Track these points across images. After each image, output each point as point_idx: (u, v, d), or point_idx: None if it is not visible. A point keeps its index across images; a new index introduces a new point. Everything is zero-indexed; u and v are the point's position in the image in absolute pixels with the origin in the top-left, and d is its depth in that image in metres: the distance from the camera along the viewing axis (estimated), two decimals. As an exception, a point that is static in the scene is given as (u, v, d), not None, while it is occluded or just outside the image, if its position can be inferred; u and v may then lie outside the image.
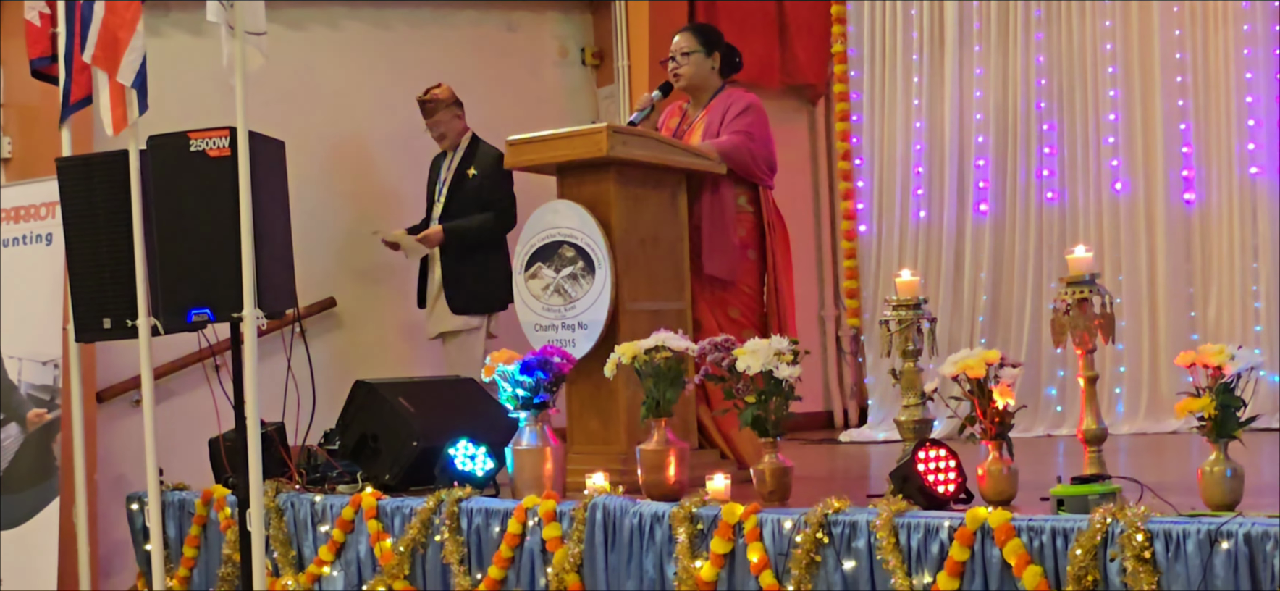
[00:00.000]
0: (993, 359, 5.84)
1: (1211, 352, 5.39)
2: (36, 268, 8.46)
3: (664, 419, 6.69)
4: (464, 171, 9.90)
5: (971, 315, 10.82)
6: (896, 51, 11.28)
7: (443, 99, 9.96)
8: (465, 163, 9.92)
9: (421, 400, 7.92)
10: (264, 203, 7.08)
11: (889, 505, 5.71)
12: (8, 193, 8.70)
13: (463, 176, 9.89)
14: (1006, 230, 10.76)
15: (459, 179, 9.90)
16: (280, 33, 9.54)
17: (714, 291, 7.84)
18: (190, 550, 8.29)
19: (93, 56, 7.56)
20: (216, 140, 7.03)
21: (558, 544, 6.67)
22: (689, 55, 8.09)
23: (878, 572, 5.68)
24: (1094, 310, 5.96)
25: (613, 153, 7.40)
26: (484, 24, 11.14)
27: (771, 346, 6.39)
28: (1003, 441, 5.84)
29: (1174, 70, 10.07)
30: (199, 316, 7.06)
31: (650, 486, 6.65)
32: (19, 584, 8.25)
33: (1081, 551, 5.14)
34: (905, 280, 6.60)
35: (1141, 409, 9.99)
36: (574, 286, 7.51)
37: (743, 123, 7.90)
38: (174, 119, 7.46)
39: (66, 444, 8.41)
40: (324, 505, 7.68)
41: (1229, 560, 4.86)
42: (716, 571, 6.13)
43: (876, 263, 11.36)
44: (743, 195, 7.91)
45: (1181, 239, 10.06)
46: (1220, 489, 5.35)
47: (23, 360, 8.48)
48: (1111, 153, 10.29)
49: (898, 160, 11.23)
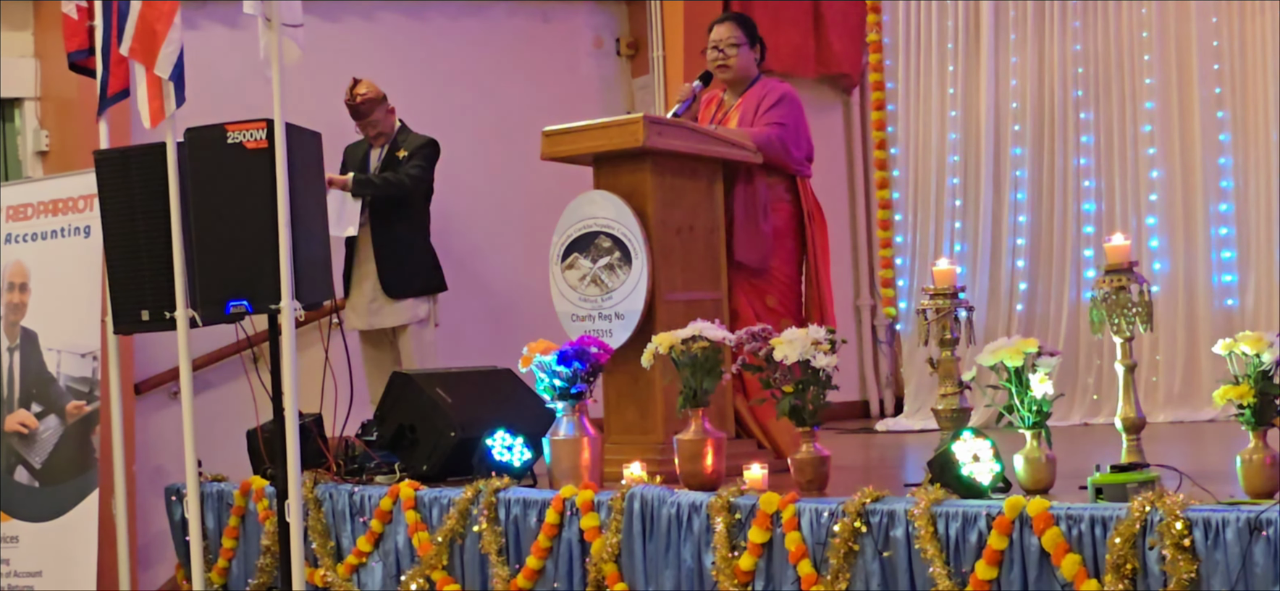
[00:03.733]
0: (1030, 347, 5.83)
1: (1251, 340, 5.37)
2: (75, 260, 8.49)
3: (701, 409, 6.69)
4: (394, 154, 9.65)
5: (1010, 304, 10.80)
6: (931, 41, 11.26)
7: (374, 97, 9.63)
8: (396, 146, 9.67)
9: (459, 391, 7.93)
10: (301, 194, 7.10)
11: (927, 494, 5.70)
12: (47, 186, 8.74)
13: (393, 159, 9.63)
14: (1044, 218, 10.73)
15: (390, 163, 9.63)
16: (316, 25, 9.54)
17: (751, 281, 7.83)
18: (229, 541, 8.31)
19: (130, 49, 7.58)
20: (253, 132, 7.05)
21: (595, 534, 6.67)
22: (738, 46, 8.07)
23: (916, 562, 5.67)
24: (1132, 298, 5.95)
25: (649, 143, 7.40)
26: (519, 15, 11.14)
27: (808, 336, 6.39)
28: (1041, 430, 5.82)
29: (1211, 58, 10.03)
30: (237, 308, 7.09)
31: (688, 476, 6.66)
32: (58, 576, 8.29)
33: (1120, 540, 5.13)
34: (942, 269, 6.59)
35: (1180, 397, 9.96)
36: (610, 277, 7.52)
37: (777, 113, 7.89)
38: (211, 111, 7.49)
39: (105, 436, 8.44)
40: (362, 496, 7.69)
41: (1269, 548, 4.85)
42: (754, 561, 6.13)
43: (913, 252, 11.35)
44: (780, 184, 7.90)
45: (1221, 225, 10.02)
46: (1260, 476, 5.33)
47: (61, 352, 8.52)
48: (1149, 141, 10.26)
49: (933, 149, 11.21)
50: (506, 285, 10.80)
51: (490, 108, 10.87)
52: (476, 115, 10.80)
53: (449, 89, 10.56)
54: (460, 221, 10.45)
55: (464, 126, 10.49)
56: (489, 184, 10.79)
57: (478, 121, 10.77)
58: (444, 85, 10.32)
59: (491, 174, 10.80)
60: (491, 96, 10.89)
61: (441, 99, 10.36)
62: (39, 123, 9.86)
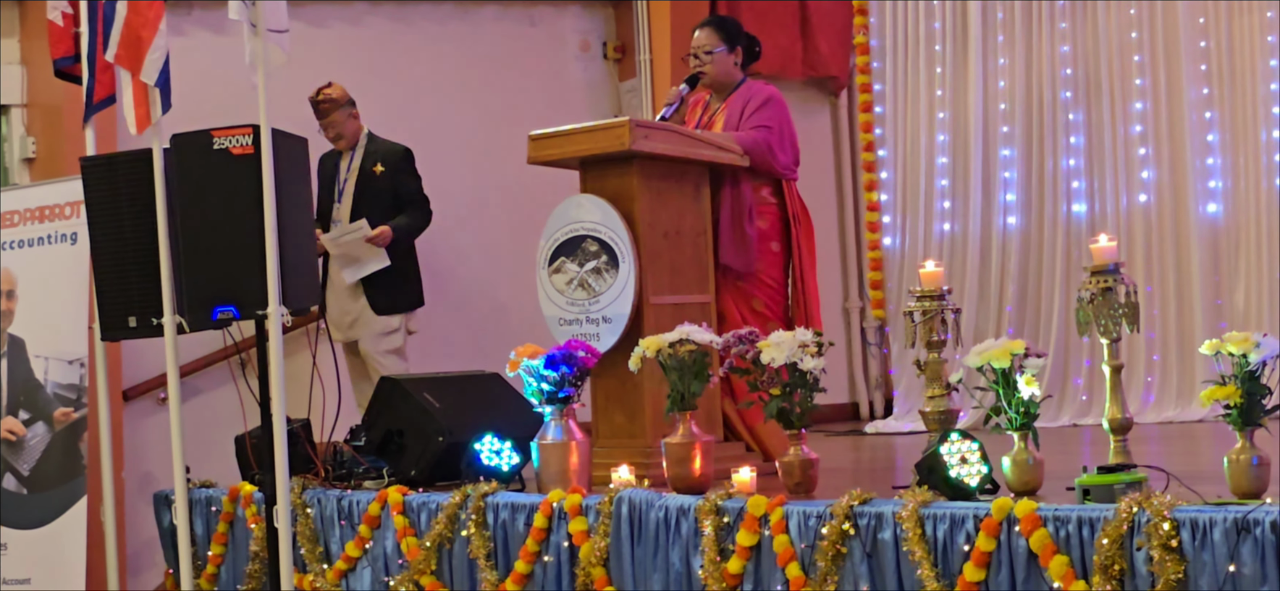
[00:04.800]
0: (1017, 349, 5.82)
1: (1237, 340, 5.36)
2: (62, 267, 8.48)
3: (689, 412, 6.69)
4: (369, 168, 9.59)
5: (999, 305, 10.81)
6: (919, 42, 11.27)
7: (337, 99, 9.58)
8: (369, 159, 9.60)
9: (447, 396, 7.92)
10: (288, 200, 7.09)
11: (915, 496, 5.70)
12: (33, 192, 8.72)
13: (369, 173, 9.57)
14: (1033, 220, 10.74)
15: (366, 176, 9.58)
16: (303, 30, 9.55)
17: (738, 284, 7.83)
18: (217, 547, 8.31)
19: (116, 56, 7.58)
20: (240, 138, 7.04)
21: (584, 538, 6.67)
22: (713, 52, 8.07)
23: (904, 563, 5.67)
24: (1119, 299, 5.95)
25: (635, 146, 7.40)
26: (505, 19, 11.13)
27: (795, 338, 6.39)
28: (1028, 431, 5.82)
29: (1199, 58, 10.05)
30: (224, 314, 7.07)
31: (676, 479, 6.65)
32: (47, 582, 8.27)
33: (1108, 541, 5.13)
34: (929, 271, 6.59)
35: (1169, 398, 9.97)
36: (598, 280, 7.51)
37: (762, 116, 7.88)
38: (197, 117, 7.47)
39: (93, 442, 8.42)
40: (350, 501, 7.69)
41: (1256, 548, 4.85)
42: (743, 564, 6.13)
43: (901, 254, 11.35)
44: (766, 187, 7.90)
45: (1209, 225, 10.03)
46: (1247, 477, 5.32)
47: (49, 359, 8.51)
48: (1139, 141, 10.27)
49: (922, 151, 11.22)
50: (493, 289, 10.79)
51: (477, 112, 10.85)
52: (463, 119, 10.78)
53: (436, 93, 10.54)
54: (447, 225, 10.42)
55: (451, 130, 10.48)
56: (476, 188, 10.78)
57: (464, 125, 10.76)
58: (431, 89, 10.30)
59: (478, 178, 10.78)
60: (478, 100, 10.88)
61: (428, 103, 10.34)
62: (25, 129, 9.85)
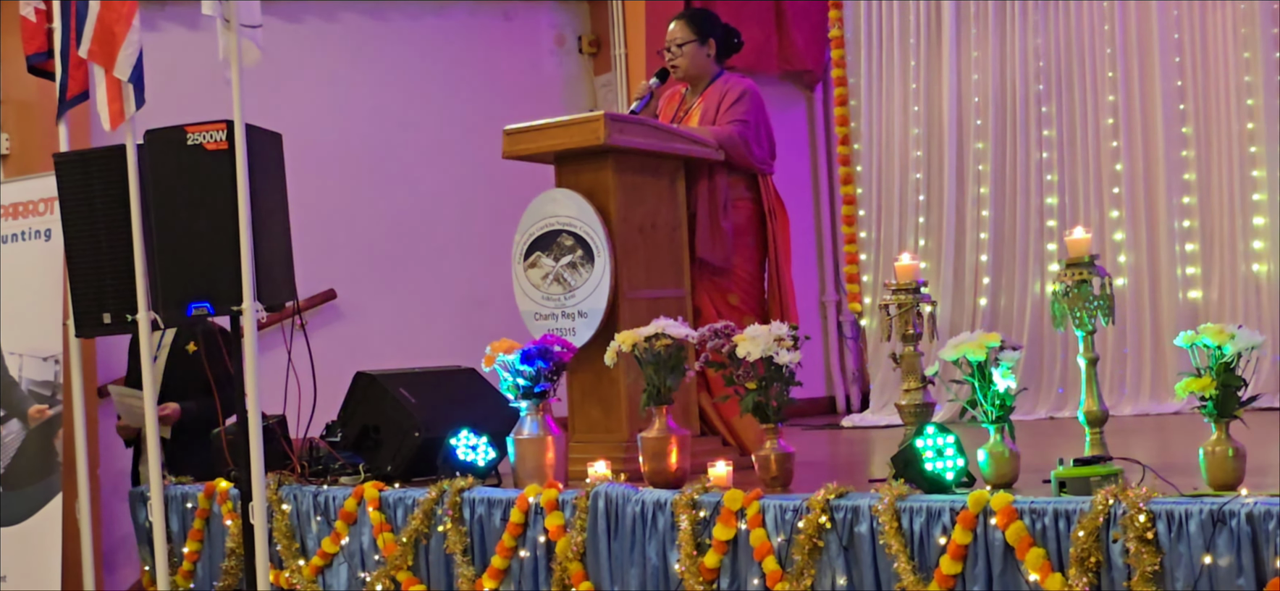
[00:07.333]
0: (993, 342, 5.83)
1: (1212, 332, 5.38)
2: (36, 263, 8.46)
3: (665, 406, 6.68)
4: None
5: (973, 298, 10.83)
6: (893, 37, 11.29)
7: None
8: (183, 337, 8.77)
9: (423, 391, 7.91)
10: (262, 195, 7.08)
11: (891, 490, 5.70)
12: (6, 189, 8.70)
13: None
14: (1007, 213, 10.76)
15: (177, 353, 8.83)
16: (276, 25, 9.54)
17: (713, 278, 7.82)
18: (193, 544, 8.28)
19: (89, 51, 7.56)
20: (214, 133, 7.02)
21: (560, 533, 6.66)
22: (684, 46, 8.06)
23: (881, 557, 5.68)
24: (1093, 291, 5.96)
25: (610, 140, 7.39)
26: (480, 13, 11.13)
27: (771, 332, 6.38)
28: (1004, 424, 5.83)
29: (1172, 51, 10.08)
30: (199, 310, 7.06)
31: (652, 474, 6.65)
32: (22, 580, 8.26)
33: (1084, 533, 5.14)
34: (904, 264, 6.58)
35: (1144, 390, 9.99)
36: (573, 275, 7.51)
37: (737, 111, 7.88)
38: (171, 113, 7.45)
39: (68, 439, 8.40)
40: (326, 497, 7.67)
41: (1232, 539, 4.86)
42: (719, 558, 6.13)
43: (876, 247, 11.36)
44: (741, 182, 7.89)
45: (1183, 217, 10.05)
46: (1222, 468, 5.34)
47: (23, 356, 8.48)
48: (1112, 133, 10.29)
49: (896, 144, 11.24)
50: (469, 284, 10.78)
51: (452, 106, 10.85)
52: (438, 114, 10.78)
53: (410, 88, 10.54)
54: (422, 220, 10.43)
55: (425, 125, 10.48)
56: (451, 183, 10.78)
57: (439, 120, 10.76)
58: (405, 84, 10.29)
59: (453, 173, 10.78)
60: (453, 95, 10.88)
61: (403, 98, 10.33)
62: (-2, 126, 9.83)
